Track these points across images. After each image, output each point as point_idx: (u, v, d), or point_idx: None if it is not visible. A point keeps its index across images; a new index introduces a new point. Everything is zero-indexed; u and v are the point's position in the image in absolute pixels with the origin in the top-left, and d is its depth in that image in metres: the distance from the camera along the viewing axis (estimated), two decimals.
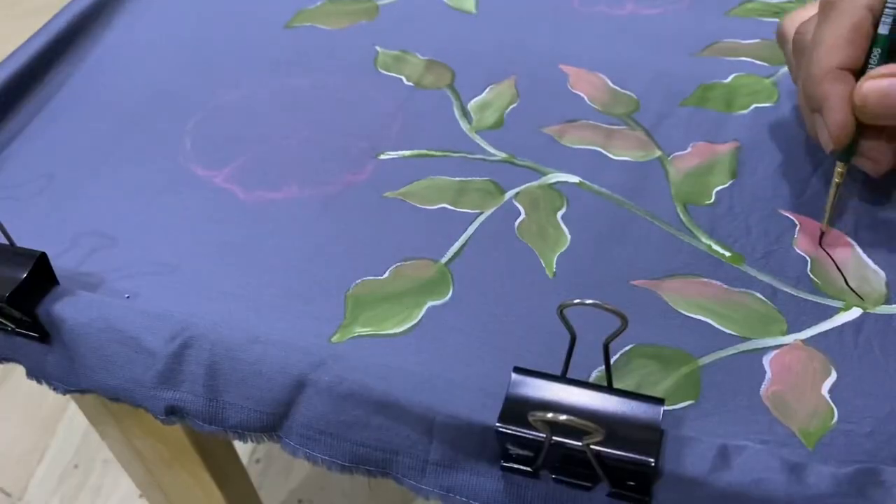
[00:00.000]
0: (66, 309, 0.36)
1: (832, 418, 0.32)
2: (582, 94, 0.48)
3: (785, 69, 0.48)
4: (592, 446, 0.28)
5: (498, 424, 0.29)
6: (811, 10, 0.40)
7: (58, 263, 0.39)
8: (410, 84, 0.50)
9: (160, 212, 0.43)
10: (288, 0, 0.57)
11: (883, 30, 0.36)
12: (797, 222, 0.40)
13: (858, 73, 0.36)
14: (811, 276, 0.38)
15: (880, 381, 0.33)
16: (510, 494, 0.31)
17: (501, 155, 0.45)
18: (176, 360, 0.34)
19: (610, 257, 0.39)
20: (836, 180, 0.38)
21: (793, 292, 0.37)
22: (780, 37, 0.43)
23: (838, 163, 0.38)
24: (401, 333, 0.36)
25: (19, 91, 0.50)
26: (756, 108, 0.46)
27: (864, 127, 0.37)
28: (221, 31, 0.55)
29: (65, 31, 0.53)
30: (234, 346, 0.34)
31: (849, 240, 0.39)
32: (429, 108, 0.48)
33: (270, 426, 0.34)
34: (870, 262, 0.38)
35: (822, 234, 0.39)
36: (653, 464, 0.28)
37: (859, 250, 0.38)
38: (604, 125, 0.46)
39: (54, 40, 0.52)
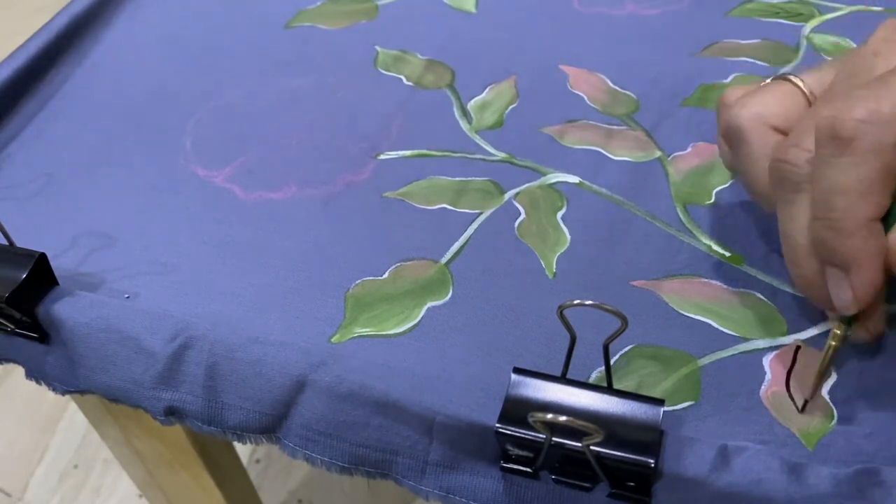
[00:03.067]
0: (65, 309, 0.36)
1: (832, 419, 0.32)
2: (582, 94, 0.48)
3: (785, 70, 0.48)
4: (592, 447, 0.28)
5: (498, 425, 0.29)
6: (764, 101, 0.34)
7: (57, 263, 0.39)
8: (410, 84, 0.49)
9: (160, 212, 0.43)
10: (288, 0, 0.57)
11: None
12: None
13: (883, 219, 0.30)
14: None
15: (880, 382, 0.33)
16: (510, 495, 0.31)
17: (501, 155, 0.44)
18: (175, 361, 0.34)
19: (610, 257, 0.39)
20: (833, 343, 0.32)
21: (793, 292, 0.37)
22: (735, 135, 0.35)
23: (839, 325, 0.32)
24: (401, 333, 0.36)
25: (19, 91, 0.50)
26: None
27: None
28: (221, 31, 0.55)
29: (65, 31, 0.53)
30: (234, 346, 0.34)
31: None
32: (429, 108, 0.48)
33: (270, 427, 0.34)
34: None
35: (806, 403, 0.32)
36: (653, 465, 0.28)
37: None
38: (604, 125, 0.46)
39: (55, 40, 0.52)
